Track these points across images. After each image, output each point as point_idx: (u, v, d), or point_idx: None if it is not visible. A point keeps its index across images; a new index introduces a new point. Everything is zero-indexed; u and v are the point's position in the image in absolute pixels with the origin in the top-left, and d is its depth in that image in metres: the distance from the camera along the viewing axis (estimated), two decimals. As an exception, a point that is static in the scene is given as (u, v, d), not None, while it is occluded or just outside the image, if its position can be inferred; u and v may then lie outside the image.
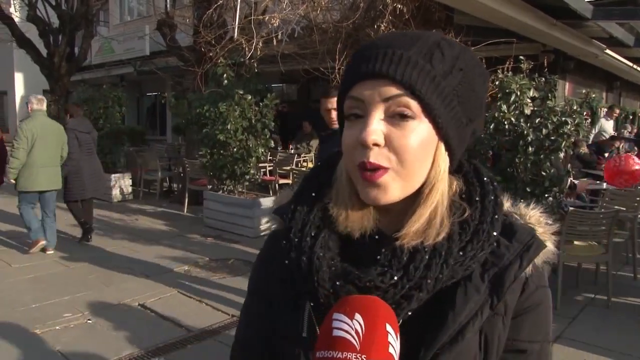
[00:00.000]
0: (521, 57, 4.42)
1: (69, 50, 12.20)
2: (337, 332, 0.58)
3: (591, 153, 7.62)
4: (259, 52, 6.54)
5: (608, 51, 8.06)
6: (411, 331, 0.62)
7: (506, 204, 0.75)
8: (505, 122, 4.07)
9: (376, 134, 0.63)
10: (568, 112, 4.07)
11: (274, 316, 0.76)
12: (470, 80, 0.66)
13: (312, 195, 0.74)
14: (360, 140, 0.63)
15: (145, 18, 15.52)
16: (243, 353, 0.83)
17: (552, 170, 4.10)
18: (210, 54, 6.98)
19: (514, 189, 4.05)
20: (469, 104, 0.66)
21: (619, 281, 4.75)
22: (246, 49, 6.54)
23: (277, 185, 8.83)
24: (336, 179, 0.73)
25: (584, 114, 4.29)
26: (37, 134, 5.42)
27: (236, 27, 6.57)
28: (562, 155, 4.34)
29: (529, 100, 4.10)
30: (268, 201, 6.65)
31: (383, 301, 0.62)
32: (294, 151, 10.14)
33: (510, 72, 4.49)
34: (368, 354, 0.56)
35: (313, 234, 0.69)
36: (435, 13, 6.77)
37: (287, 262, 0.70)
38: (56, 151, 5.67)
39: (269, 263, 0.79)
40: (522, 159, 4.05)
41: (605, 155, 7.95)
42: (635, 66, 9.79)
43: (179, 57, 8.67)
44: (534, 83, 4.19)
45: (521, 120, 4.05)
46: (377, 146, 0.63)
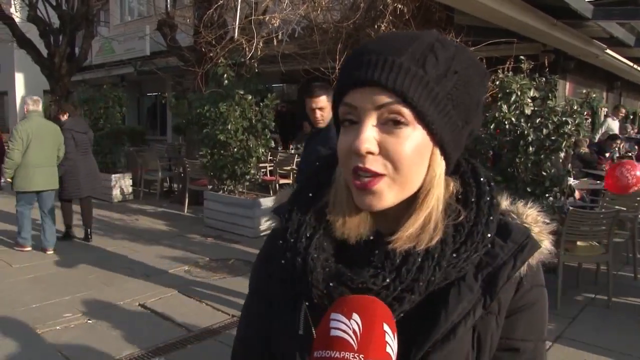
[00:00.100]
0: (521, 57, 4.41)
1: (69, 50, 12.20)
2: (334, 332, 0.58)
3: (592, 153, 7.61)
4: (259, 52, 6.54)
5: (608, 51, 8.05)
6: (404, 331, 0.62)
7: (505, 202, 0.75)
8: (506, 122, 4.07)
9: (369, 142, 0.63)
10: (568, 112, 4.06)
11: (274, 316, 0.76)
12: (465, 82, 0.65)
13: (310, 195, 0.74)
14: (353, 148, 0.63)
15: (145, 18, 15.53)
16: (244, 352, 0.84)
17: (552, 170, 4.10)
18: (211, 54, 6.98)
19: (514, 189, 4.04)
20: (465, 106, 0.66)
21: (619, 281, 4.75)
22: (246, 49, 6.53)
23: (277, 185, 8.83)
24: (335, 179, 0.73)
25: (585, 114, 4.29)
26: (32, 134, 5.45)
27: (236, 27, 6.57)
28: (562, 155, 4.33)
29: (530, 100, 4.10)
30: (268, 201, 6.65)
31: (381, 301, 0.62)
32: (294, 151, 10.14)
33: (510, 72, 4.48)
34: (366, 353, 0.56)
35: (308, 235, 0.70)
36: (435, 13, 6.77)
37: (283, 262, 0.70)
38: (52, 151, 5.69)
39: (268, 262, 0.79)
40: (522, 159, 4.05)
41: (606, 155, 7.94)
42: (635, 66, 9.78)
43: (179, 57, 8.67)
44: (534, 83, 4.19)
45: (522, 120, 4.05)
46: (371, 154, 0.63)
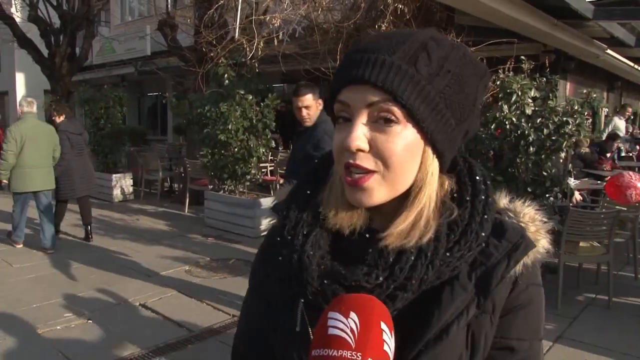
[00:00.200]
0: (522, 57, 4.41)
1: (70, 50, 12.20)
2: (332, 331, 0.59)
3: (593, 152, 7.61)
4: (260, 52, 6.54)
5: (609, 51, 8.04)
6: (398, 329, 0.63)
7: (503, 201, 0.75)
8: (507, 122, 4.07)
9: (359, 139, 0.63)
10: (569, 112, 4.06)
11: (272, 315, 0.77)
12: (459, 81, 0.65)
13: (307, 193, 0.74)
14: (344, 145, 0.64)
15: (146, 18, 15.53)
16: (244, 350, 0.85)
17: (553, 171, 4.10)
18: (212, 54, 6.98)
19: (515, 189, 4.04)
20: (459, 105, 0.66)
21: (620, 281, 4.75)
22: (247, 49, 6.54)
23: (278, 185, 8.83)
24: (331, 176, 0.74)
25: (585, 114, 4.29)
26: (26, 136, 5.49)
27: (237, 27, 6.57)
28: (563, 155, 4.33)
29: (530, 100, 4.10)
30: (269, 201, 6.63)
31: (378, 300, 0.63)
32: (294, 151, 10.11)
33: (511, 72, 4.48)
34: (363, 352, 0.57)
35: (305, 232, 0.70)
36: (436, 13, 6.77)
37: (280, 259, 0.71)
38: (48, 152, 5.73)
39: (267, 261, 0.79)
40: (523, 159, 4.05)
41: (607, 156, 7.93)
42: (636, 66, 9.77)
43: (180, 57, 8.67)
44: (535, 83, 4.19)
45: (522, 120, 4.04)
46: (362, 151, 0.64)
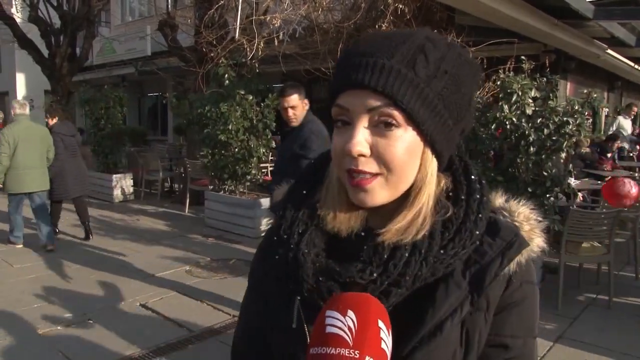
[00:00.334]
0: (522, 57, 4.41)
1: (70, 50, 12.21)
2: (330, 329, 0.60)
3: (593, 152, 7.60)
4: (260, 53, 6.55)
5: (609, 51, 8.04)
6: (393, 326, 0.63)
7: (499, 200, 0.76)
8: (507, 123, 4.06)
9: (361, 144, 0.64)
10: (569, 112, 4.05)
11: (269, 313, 0.77)
12: (456, 81, 0.66)
13: (304, 193, 0.75)
14: (345, 151, 0.65)
15: (146, 18, 15.54)
16: (243, 348, 0.86)
17: (553, 171, 4.09)
18: (212, 54, 6.98)
19: (515, 189, 4.03)
20: (456, 105, 0.67)
21: (620, 281, 4.75)
22: (247, 49, 6.54)
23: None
24: (327, 176, 0.75)
25: (586, 114, 4.28)
26: (19, 137, 5.52)
27: (237, 28, 6.57)
28: (563, 155, 4.33)
29: (531, 100, 4.09)
30: (269, 201, 6.65)
31: (375, 298, 0.63)
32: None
33: (511, 72, 4.48)
34: (361, 349, 0.57)
35: (300, 231, 0.71)
36: (436, 13, 6.76)
37: (277, 258, 0.72)
38: (42, 153, 5.76)
39: (265, 260, 0.80)
40: (523, 159, 4.05)
41: (607, 156, 7.93)
42: (636, 66, 9.76)
43: (180, 58, 8.67)
44: (535, 83, 4.18)
45: (523, 120, 4.04)
46: (363, 156, 0.65)
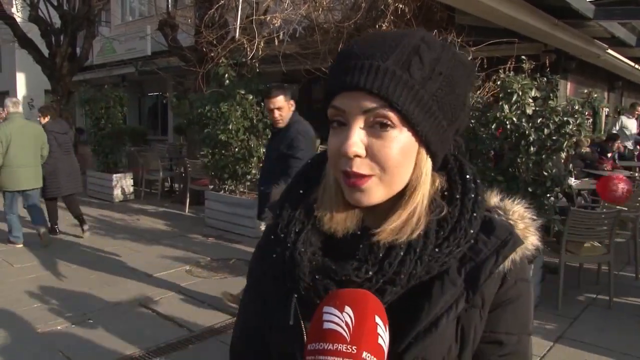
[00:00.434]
0: (523, 57, 4.40)
1: (70, 50, 12.22)
2: (327, 325, 0.60)
3: (593, 152, 7.60)
4: (260, 52, 6.54)
5: (610, 51, 8.04)
6: (390, 322, 0.63)
7: (494, 199, 0.77)
8: (507, 122, 4.06)
9: (357, 145, 0.65)
10: (570, 112, 4.05)
11: (267, 312, 0.78)
12: (450, 82, 0.66)
13: (300, 192, 0.76)
14: (341, 152, 0.66)
15: (146, 18, 15.54)
16: (242, 347, 0.86)
17: (553, 170, 4.09)
18: (212, 54, 6.97)
19: (515, 189, 4.04)
20: (450, 106, 0.67)
21: (620, 281, 4.75)
22: (248, 49, 6.53)
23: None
24: (324, 176, 0.75)
25: (586, 113, 4.28)
26: (12, 135, 5.55)
27: (238, 27, 6.57)
28: (563, 155, 4.32)
29: (531, 100, 4.09)
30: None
31: (372, 294, 0.64)
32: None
33: (512, 72, 4.48)
34: (358, 345, 0.58)
35: (297, 230, 0.72)
36: (436, 13, 6.76)
37: (274, 257, 0.73)
38: (35, 151, 5.79)
39: (263, 259, 0.81)
40: (524, 159, 4.04)
41: (607, 155, 7.92)
42: (637, 66, 9.76)
43: (180, 57, 8.66)
44: (535, 83, 4.18)
45: (523, 120, 4.04)
46: (359, 157, 0.65)
